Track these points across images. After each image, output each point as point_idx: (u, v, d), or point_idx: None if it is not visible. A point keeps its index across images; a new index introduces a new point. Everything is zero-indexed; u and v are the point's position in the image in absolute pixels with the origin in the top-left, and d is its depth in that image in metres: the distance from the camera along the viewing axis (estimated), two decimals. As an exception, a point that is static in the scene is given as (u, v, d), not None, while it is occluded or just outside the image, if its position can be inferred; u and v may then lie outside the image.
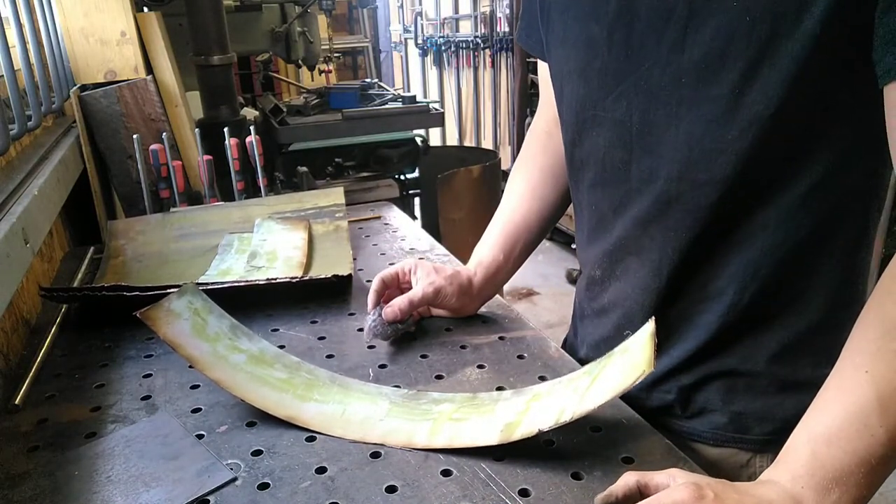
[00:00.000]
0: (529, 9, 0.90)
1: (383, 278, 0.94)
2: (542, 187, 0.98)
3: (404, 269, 0.95)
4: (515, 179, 1.01)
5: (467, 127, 5.90)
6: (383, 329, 0.89)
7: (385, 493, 0.63)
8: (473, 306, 0.98)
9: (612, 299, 0.83)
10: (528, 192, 0.98)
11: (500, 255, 0.97)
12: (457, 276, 0.94)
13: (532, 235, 0.98)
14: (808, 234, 0.69)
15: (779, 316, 0.72)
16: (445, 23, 5.81)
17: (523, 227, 0.97)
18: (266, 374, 0.78)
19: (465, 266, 0.98)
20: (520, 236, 0.97)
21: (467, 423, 0.71)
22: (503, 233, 0.98)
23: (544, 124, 0.99)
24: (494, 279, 0.97)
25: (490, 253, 0.97)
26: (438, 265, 0.95)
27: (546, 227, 1.00)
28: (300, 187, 2.02)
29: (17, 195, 1.03)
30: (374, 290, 0.93)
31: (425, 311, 0.97)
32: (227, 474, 0.66)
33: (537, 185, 0.98)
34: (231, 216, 1.33)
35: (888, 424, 0.55)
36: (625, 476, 0.57)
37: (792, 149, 0.66)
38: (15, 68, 1.14)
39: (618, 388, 0.63)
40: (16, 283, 0.90)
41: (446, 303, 0.94)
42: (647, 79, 0.70)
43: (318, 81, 3.22)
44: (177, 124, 1.77)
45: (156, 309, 0.78)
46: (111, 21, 1.72)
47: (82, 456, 0.70)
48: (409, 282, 0.95)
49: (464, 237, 2.66)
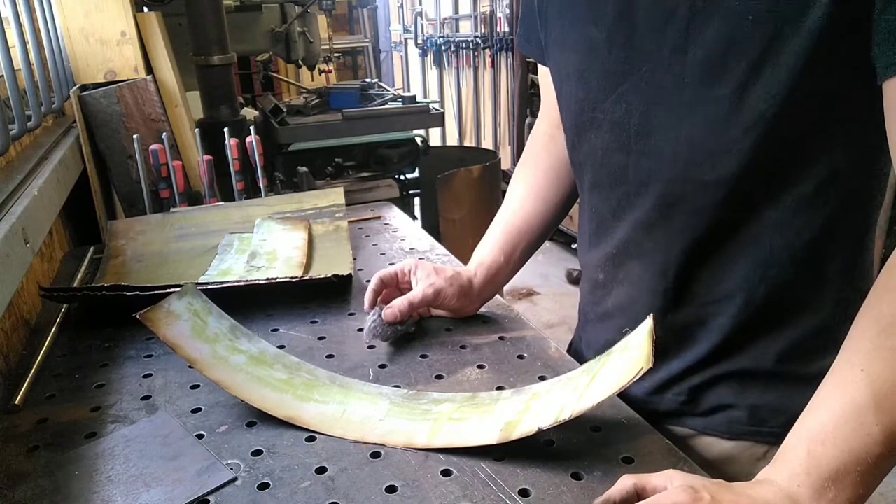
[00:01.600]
0: (528, 13, 0.90)
1: (382, 278, 0.94)
2: (544, 189, 0.97)
3: (404, 270, 0.95)
4: (517, 181, 1.01)
5: (467, 127, 5.89)
6: (383, 330, 0.89)
7: (385, 493, 0.63)
8: (473, 307, 0.98)
9: (617, 303, 0.83)
10: (530, 194, 0.98)
11: (501, 257, 0.96)
12: (457, 276, 0.94)
13: (533, 237, 0.98)
14: (816, 232, 0.69)
15: (788, 315, 0.72)
16: (445, 23, 5.81)
17: (525, 228, 0.97)
18: (266, 375, 0.78)
19: (466, 267, 0.98)
20: (521, 238, 0.97)
21: (467, 422, 0.71)
22: (504, 234, 0.97)
23: (546, 127, 0.99)
24: (495, 280, 0.97)
25: (491, 254, 0.97)
26: (438, 266, 0.95)
27: (548, 230, 0.99)
28: (300, 187, 2.02)
29: (17, 195, 1.03)
30: (371, 289, 0.93)
31: (425, 311, 0.97)
32: (227, 474, 0.66)
33: (540, 186, 0.98)
34: (231, 216, 1.33)
35: (884, 423, 0.54)
36: (622, 479, 0.57)
37: (796, 147, 0.66)
38: (15, 68, 1.14)
39: (617, 386, 0.63)
40: (16, 283, 0.90)
41: (446, 304, 0.94)
42: (648, 80, 0.70)
43: (318, 81, 3.21)
44: (177, 124, 1.77)
45: (155, 310, 0.78)
46: (111, 21, 1.72)
47: (82, 456, 0.70)
48: (409, 282, 0.95)
49: (464, 237, 2.66)
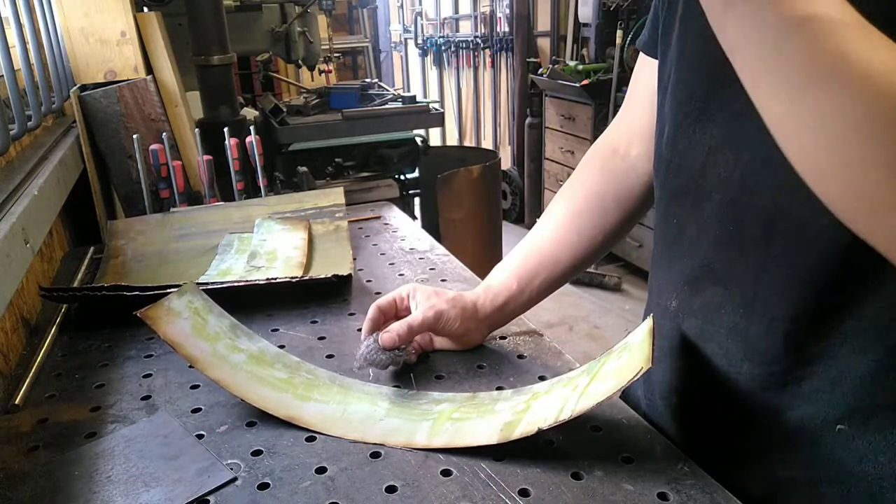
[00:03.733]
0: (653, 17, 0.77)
1: (379, 306, 0.85)
2: (584, 217, 0.85)
3: (402, 295, 0.86)
4: (557, 200, 0.88)
5: (467, 127, 5.89)
6: (377, 356, 0.80)
7: (385, 493, 0.63)
8: (479, 335, 0.88)
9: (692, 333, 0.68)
10: (564, 221, 0.86)
11: (514, 284, 0.86)
12: (459, 299, 0.85)
13: (558, 270, 0.85)
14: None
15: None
16: (445, 23, 5.81)
17: (549, 258, 0.85)
18: (266, 374, 0.78)
19: (473, 290, 0.89)
20: (542, 268, 0.85)
21: (467, 422, 0.71)
22: (524, 260, 0.87)
23: (616, 136, 0.85)
24: (503, 307, 0.86)
25: (502, 278, 0.87)
26: (439, 290, 0.87)
27: (576, 267, 0.86)
28: (300, 187, 2.02)
29: (17, 195, 1.03)
30: (369, 318, 0.84)
31: (427, 343, 0.88)
32: (227, 474, 0.66)
33: (579, 213, 0.85)
34: (231, 216, 1.33)
35: None
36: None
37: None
38: (15, 68, 1.14)
39: (617, 386, 0.63)
40: (16, 283, 0.90)
41: (449, 327, 0.84)
42: None
43: (318, 81, 3.22)
44: (177, 124, 1.77)
45: (156, 308, 0.79)
46: (111, 21, 1.72)
47: (82, 456, 0.70)
48: (408, 308, 0.86)
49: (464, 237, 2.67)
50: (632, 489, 0.62)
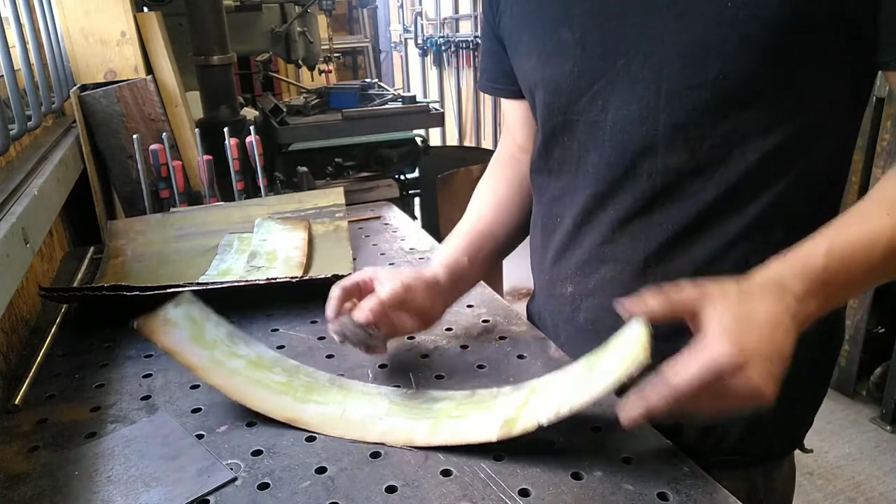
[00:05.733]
0: (489, 50, 0.93)
1: (343, 286, 0.84)
2: (507, 200, 0.98)
3: (364, 279, 0.85)
4: (481, 190, 1.00)
5: (467, 127, 5.89)
6: (353, 331, 0.79)
7: (385, 493, 0.63)
8: (440, 309, 0.90)
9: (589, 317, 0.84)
10: (493, 203, 0.98)
11: (465, 258, 0.92)
12: (420, 273, 0.87)
13: (497, 245, 0.97)
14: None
15: None
16: (445, 23, 5.81)
17: (488, 234, 0.96)
18: (265, 378, 0.78)
19: (428, 268, 0.90)
20: (485, 242, 0.95)
21: (467, 419, 0.71)
22: (468, 237, 0.95)
23: (510, 148, 1.00)
24: (459, 282, 0.92)
25: (453, 254, 0.92)
26: (396, 269, 0.87)
27: (510, 240, 0.98)
28: (300, 187, 2.02)
29: (17, 195, 1.03)
30: (333, 296, 0.83)
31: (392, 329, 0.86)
32: (227, 474, 0.66)
33: (504, 196, 0.98)
34: (231, 216, 1.33)
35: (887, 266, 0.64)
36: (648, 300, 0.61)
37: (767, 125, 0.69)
38: (15, 68, 1.14)
39: (617, 380, 0.62)
40: (16, 283, 0.90)
41: (417, 300, 0.84)
42: (626, 74, 0.71)
43: (318, 81, 3.21)
44: (177, 124, 1.77)
45: (153, 319, 0.78)
46: (111, 21, 1.72)
47: (82, 456, 0.70)
48: (374, 290, 0.84)
49: (464, 237, 2.65)
50: (632, 489, 0.62)
